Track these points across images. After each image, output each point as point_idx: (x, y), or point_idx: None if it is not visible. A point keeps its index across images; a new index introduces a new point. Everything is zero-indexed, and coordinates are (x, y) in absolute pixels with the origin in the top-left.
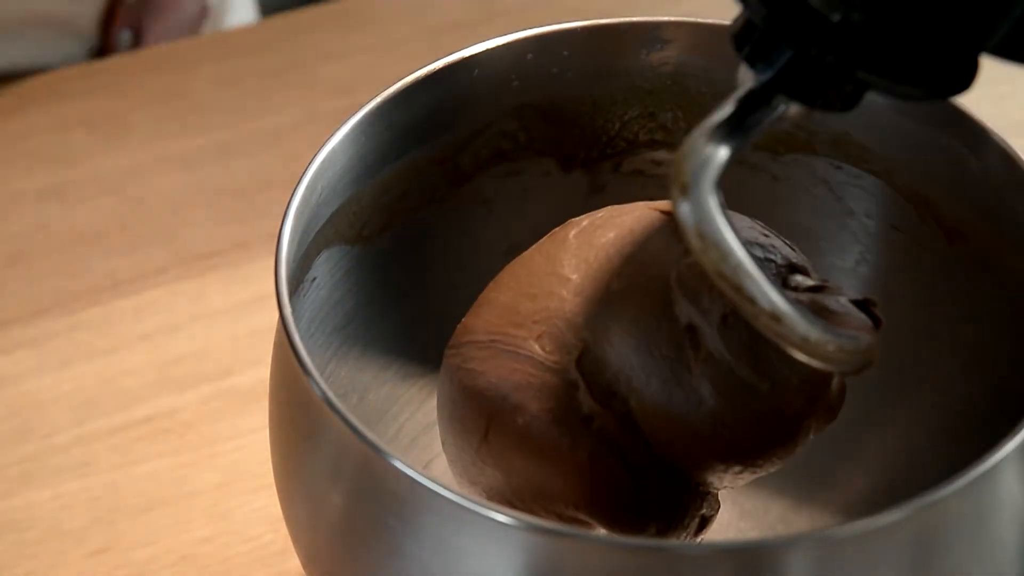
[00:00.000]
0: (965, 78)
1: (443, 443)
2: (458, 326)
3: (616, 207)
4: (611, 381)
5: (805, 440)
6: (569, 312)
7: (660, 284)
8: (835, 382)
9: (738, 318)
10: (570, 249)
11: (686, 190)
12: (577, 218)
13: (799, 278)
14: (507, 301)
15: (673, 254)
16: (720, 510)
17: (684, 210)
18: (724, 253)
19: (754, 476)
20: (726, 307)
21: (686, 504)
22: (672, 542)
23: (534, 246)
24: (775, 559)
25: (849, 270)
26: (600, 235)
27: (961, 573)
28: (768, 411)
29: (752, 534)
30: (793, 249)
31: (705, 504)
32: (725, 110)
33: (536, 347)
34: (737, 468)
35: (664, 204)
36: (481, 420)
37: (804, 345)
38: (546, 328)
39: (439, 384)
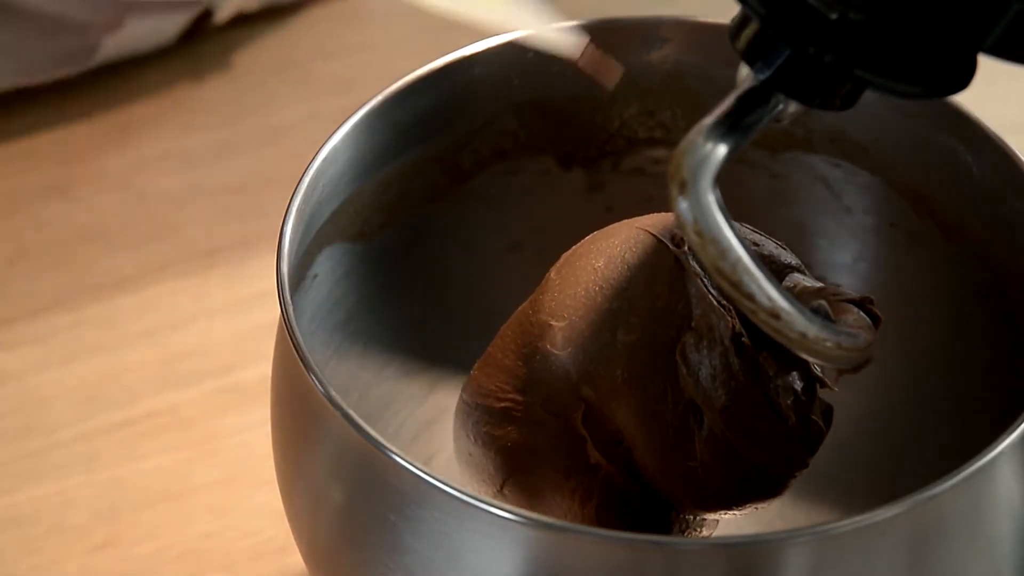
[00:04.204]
0: (963, 77)
1: (460, 471)
2: (472, 374)
3: (599, 231)
4: (615, 432)
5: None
6: (560, 370)
7: (667, 348)
8: (821, 407)
9: (740, 404)
10: (552, 289)
11: (684, 187)
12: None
13: (797, 276)
14: (509, 365)
15: (678, 313)
16: None
17: (682, 207)
18: (722, 250)
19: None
20: (728, 396)
21: (685, 536)
22: (671, 538)
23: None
24: (773, 554)
25: (847, 267)
26: (584, 264)
27: (958, 568)
28: (767, 479)
29: (750, 529)
30: (785, 250)
31: (705, 527)
32: (723, 108)
33: (543, 412)
34: (730, 515)
35: (650, 221)
36: (497, 477)
37: (803, 342)
38: (547, 392)
39: (455, 424)
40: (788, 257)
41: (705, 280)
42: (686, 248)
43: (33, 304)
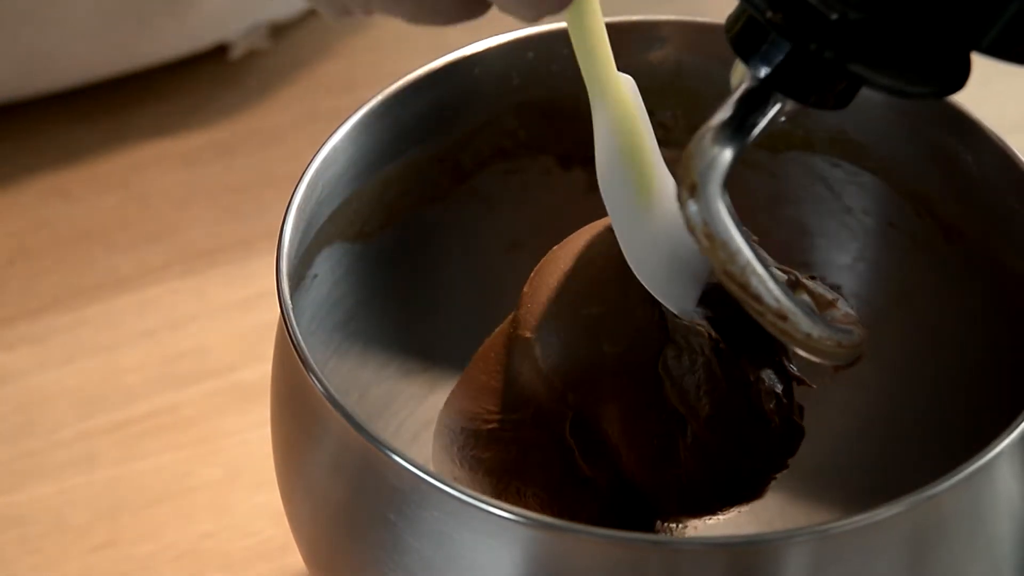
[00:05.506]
0: (959, 77)
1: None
2: (451, 400)
3: (567, 239)
4: (601, 441)
5: None
6: (545, 380)
7: (651, 360)
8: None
9: (725, 412)
10: (525, 303)
11: (695, 191)
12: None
13: (774, 271)
14: (496, 386)
15: (655, 324)
16: None
17: (692, 210)
18: (732, 253)
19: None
20: (712, 405)
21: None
22: (671, 537)
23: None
24: (773, 554)
25: (847, 267)
26: (555, 270)
27: (958, 568)
28: (750, 482)
29: (750, 528)
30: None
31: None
32: (727, 111)
33: (532, 428)
34: (713, 520)
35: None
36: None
37: (807, 341)
38: (536, 406)
39: (436, 449)
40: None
41: None
42: None
43: (33, 304)
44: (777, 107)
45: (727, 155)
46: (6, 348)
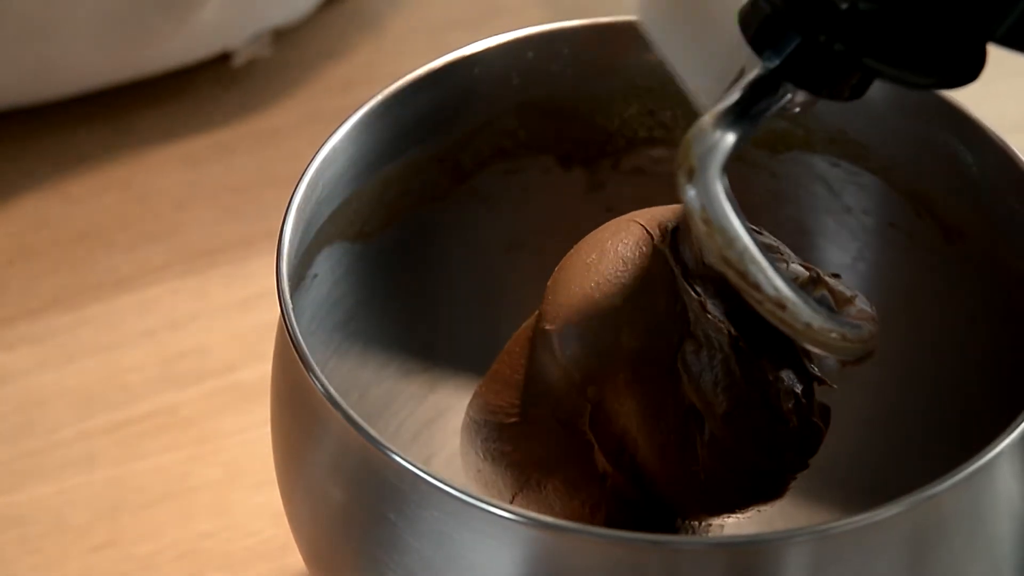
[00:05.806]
0: (973, 68)
1: (469, 486)
2: (478, 392)
3: (592, 232)
4: (620, 435)
5: None
6: (564, 373)
7: (669, 355)
8: (819, 408)
9: (742, 410)
10: (548, 298)
11: (693, 175)
12: None
13: (796, 267)
14: (518, 380)
15: (676, 317)
16: None
17: (690, 195)
18: (730, 239)
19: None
20: (729, 403)
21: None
22: (670, 537)
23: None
24: (773, 554)
25: (847, 267)
26: (577, 261)
27: (958, 568)
28: (770, 482)
29: (750, 528)
30: (778, 242)
31: (710, 534)
32: (732, 96)
33: (553, 423)
34: (734, 519)
35: (645, 216)
36: (507, 492)
37: (807, 332)
38: (555, 400)
39: (463, 441)
40: (783, 248)
41: (689, 282)
42: (667, 247)
43: (33, 304)
44: (788, 97)
45: (728, 140)
46: (6, 348)
